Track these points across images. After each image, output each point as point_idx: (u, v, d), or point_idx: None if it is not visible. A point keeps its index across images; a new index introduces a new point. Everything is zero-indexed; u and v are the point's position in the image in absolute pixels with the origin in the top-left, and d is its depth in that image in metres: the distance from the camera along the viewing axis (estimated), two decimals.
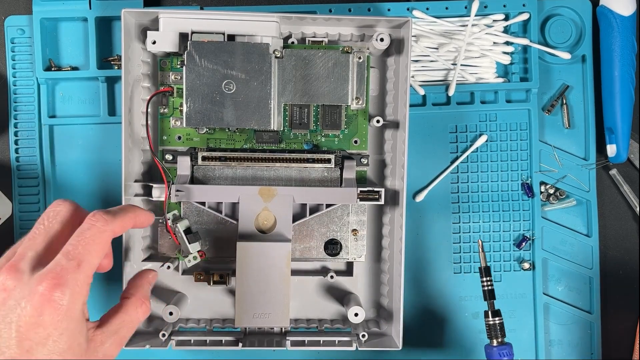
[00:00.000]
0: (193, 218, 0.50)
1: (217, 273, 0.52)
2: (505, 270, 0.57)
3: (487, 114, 0.56)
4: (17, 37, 0.55)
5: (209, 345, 0.50)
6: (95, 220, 0.37)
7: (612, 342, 0.58)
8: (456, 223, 0.56)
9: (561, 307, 0.57)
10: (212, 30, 0.48)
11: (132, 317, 0.40)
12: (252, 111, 0.48)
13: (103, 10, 0.54)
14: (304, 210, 0.51)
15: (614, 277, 0.58)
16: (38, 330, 0.34)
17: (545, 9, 0.56)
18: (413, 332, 0.56)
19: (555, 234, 0.57)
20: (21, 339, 0.33)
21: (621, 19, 0.54)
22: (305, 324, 0.53)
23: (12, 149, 0.55)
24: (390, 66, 0.52)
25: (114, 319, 0.39)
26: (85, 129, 0.55)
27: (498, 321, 0.50)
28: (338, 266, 0.54)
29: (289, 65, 0.49)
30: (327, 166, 0.51)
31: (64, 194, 0.55)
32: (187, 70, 0.48)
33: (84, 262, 0.35)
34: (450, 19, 0.56)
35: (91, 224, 0.37)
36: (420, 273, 0.56)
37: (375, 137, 0.53)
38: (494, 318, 0.50)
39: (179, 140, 0.51)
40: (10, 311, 0.34)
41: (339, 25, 0.51)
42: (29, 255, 0.36)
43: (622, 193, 0.58)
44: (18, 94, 0.55)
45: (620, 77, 0.54)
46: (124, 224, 0.39)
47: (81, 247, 0.36)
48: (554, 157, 0.56)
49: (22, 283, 0.34)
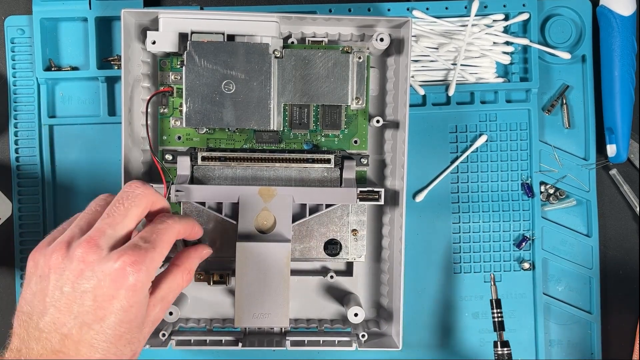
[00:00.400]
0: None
1: (217, 273, 0.52)
2: (505, 270, 0.57)
3: (487, 114, 0.56)
4: (17, 37, 0.55)
5: (209, 345, 0.50)
6: (166, 217, 0.41)
7: (612, 342, 0.58)
8: (456, 223, 0.56)
9: (561, 307, 0.57)
10: (212, 30, 0.48)
11: (178, 284, 0.42)
12: (251, 111, 0.48)
13: (103, 10, 0.54)
14: (304, 210, 0.51)
15: (614, 277, 0.58)
16: (113, 302, 0.36)
17: (545, 9, 0.56)
18: (413, 332, 0.56)
19: (555, 234, 0.57)
20: (97, 307, 0.36)
21: (621, 19, 0.54)
22: (305, 324, 0.53)
23: (12, 149, 0.55)
24: (390, 66, 0.52)
25: (163, 284, 0.41)
26: (85, 129, 0.55)
27: (507, 351, 0.51)
28: (338, 266, 0.54)
29: (288, 65, 0.49)
30: (327, 166, 0.51)
31: (64, 194, 0.55)
32: (186, 70, 0.48)
33: (158, 247, 0.39)
34: (450, 19, 0.56)
35: (162, 220, 0.41)
36: (420, 273, 0.56)
37: (375, 137, 0.53)
38: (503, 348, 0.51)
39: (178, 140, 0.51)
40: (86, 282, 0.36)
41: (339, 25, 0.51)
42: (109, 233, 0.38)
43: (622, 193, 0.58)
44: (18, 94, 0.55)
45: (620, 77, 0.54)
46: (187, 229, 0.43)
47: (155, 234, 0.39)
48: (554, 157, 0.56)
49: (101, 257, 0.37)
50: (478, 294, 0.56)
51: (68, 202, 0.55)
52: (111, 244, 0.38)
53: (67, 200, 0.55)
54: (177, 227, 0.41)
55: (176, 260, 0.43)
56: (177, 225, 0.41)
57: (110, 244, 0.38)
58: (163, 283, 0.41)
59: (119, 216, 0.39)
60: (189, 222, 0.43)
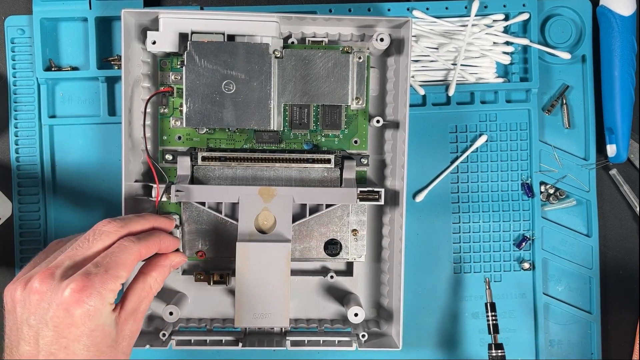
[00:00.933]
0: (193, 218, 0.50)
1: (217, 273, 0.52)
2: (505, 270, 0.57)
3: (487, 114, 0.56)
4: (17, 37, 0.55)
5: (209, 345, 0.50)
6: (124, 240, 0.41)
7: (612, 342, 0.58)
8: (456, 223, 0.56)
9: (561, 307, 0.57)
10: (212, 30, 0.48)
11: (147, 292, 0.42)
12: (252, 111, 0.48)
13: (103, 10, 0.54)
14: (304, 210, 0.51)
15: (614, 277, 0.58)
16: (72, 330, 0.37)
17: (545, 9, 0.56)
18: (413, 332, 0.56)
19: (555, 234, 0.57)
20: (59, 336, 0.37)
21: (621, 19, 0.54)
22: (305, 324, 0.53)
23: (12, 149, 0.55)
24: (390, 66, 0.52)
25: (130, 296, 0.41)
26: (85, 129, 0.55)
27: (500, 354, 0.52)
28: (338, 266, 0.54)
29: (289, 65, 0.49)
30: (327, 166, 0.51)
31: (64, 194, 0.55)
32: (187, 71, 0.48)
33: (110, 269, 0.38)
34: (450, 19, 0.56)
35: (120, 243, 0.41)
36: (420, 273, 0.56)
37: (375, 137, 0.53)
38: (497, 351, 0.52)
39: (179, 140, 0.51)
40: (45, 312, 0.37)
41: (339, 25, 0.51)
42: (66, 264, 0.39)
43: (622, 193, 0.58)
44: (18, 94, 0.55)
45: (620, 77, 0.54)
46: (150, 248, 0.43)
47: (109, 258, 0.39)
48: (554, 157, 0.56)
49: (52, 287, 0.37)
50: (478, 294, 0.56)
51: (68, 202, 0.55)
52: (66, 273, 0.38)
53: (67, 200, 0.55)
54: (135, 247, 0.41)
55: (144, 268, 0.44)
56: (135, 246, 0.41)
57: (65, 273, 0.38)
58: (131, 295, 0.41)
59: (81, 249, 0.40)
60: (153, 240, 0.43)
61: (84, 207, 0.55)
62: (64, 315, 0.37)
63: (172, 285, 0.53)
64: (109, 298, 0.38)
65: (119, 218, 0.42)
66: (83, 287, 0.37)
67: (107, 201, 0.55)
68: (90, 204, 0.55)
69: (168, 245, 0.45)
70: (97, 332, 0.38)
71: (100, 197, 0.55)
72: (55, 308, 0.37)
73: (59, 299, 0.37)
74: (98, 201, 0.55)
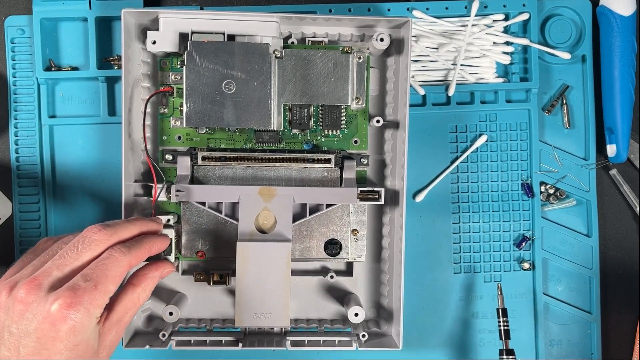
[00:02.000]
0: (193, 218, 0.50)
1: (217, 273, 0.52)
2: (505, 270, 0.57)
3: (487, 114, 0.56)
4: (17, 37, 0.55)
5: (209, 345, 0.50)
6: (114, 251, 0.40)
7: (612, 342, 0.58)
8: (456, 223, 0.56)
9: (561, 307, 0.57)
10: (212, 30, 0.48)
11: (134, 304, 0.42)
12: (252, 111, 0.48)
13: (103, 10, 0.54)
14: (304, 210, 0.51)
15: (614, 277, 0.58)
16: (55, 343, 0.36)
17: (545, 9, 0.56)
18: (413, 332, 0.56)
19: (555, 234, 0.57)
20: (41, 348, 0.36)
21: (621, 19, 0.54)
22: (305, 324, 0.53)
23: (12, 149, 0.55)
24: (390, 66, 0.52)
25: (117, 307, 0.41)
26: (85, 129, 0.55)
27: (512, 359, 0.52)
28: (338, 266, 0.54)
29: (289, 65, 0.49)
30: (327, 166, 0.51)
31: (64, 194, 0.55)
32: (187, 70, 0.48)
33: (100, 285, 0.38)
34: (450, 19, 0.56)
35: (109, 254, 0.40)
36: (420, 273, 0.56)
37: (375, 137, 0.53)
38: (509, 356, 0.52)
39: (179, 140, 0.51)
40: (28, 323, 0.37)
41: (339, 25, 0.51)
42: (54, 274, 0.38)
43: (622, 193, 0.58)
44: (18, 94, 0.55)
45: (620, 77, 0.54)
46: (140, 256, 0.42)
47: (99, 271, 0.38)
48: (554, 157, 0.56)
49: (39, 298, 0.37)
50: (478, 294, 0.56)
51: (68, 202, 0.55)
52: (53, 284, 0.37)
53: (67, 200, 0.55)
54: (125, 259, 0.40)
55: (132, 278, 0.43)
56: (125, 257, 0.40)
57: (52, 285, 0.37)
58: (117, 305, 0.41)
59: (69, 259, 0.39)
60: (143, 247, 0.42)
61: (84, 207, 0.55)
62: (49, 329, 0.36)
63: (172, 285, 0.53)
64: (95, 313, 0.38)
65: (109, 225, 0.41)
66: (71, 303, 0.36)
67: (107, 201, 0.55)
68: (90, 203, 0.55)
69: (158, 248, 0.45)
70: (80, 346, 0.37)
71: (100, 196, 0.55)
72: (40, 320, 0.36)
73: (45, 312, 0.36)
74: (98, 201, 0.55)
